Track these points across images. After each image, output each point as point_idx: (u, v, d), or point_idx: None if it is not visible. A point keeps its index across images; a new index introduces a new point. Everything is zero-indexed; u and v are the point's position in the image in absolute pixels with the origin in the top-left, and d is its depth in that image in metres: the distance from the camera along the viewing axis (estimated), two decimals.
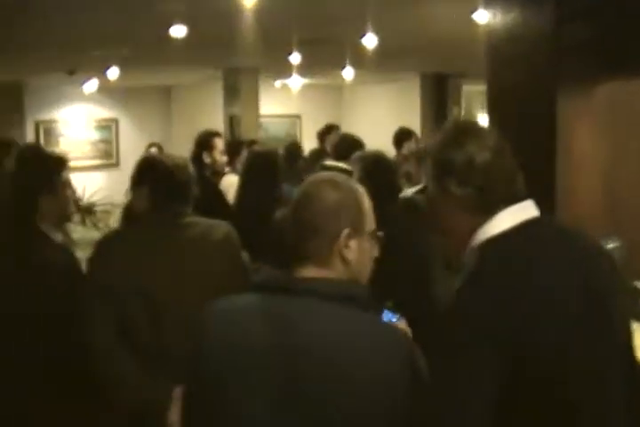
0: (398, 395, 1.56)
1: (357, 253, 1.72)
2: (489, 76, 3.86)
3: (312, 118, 14.07)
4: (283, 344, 1.60)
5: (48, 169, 3.03)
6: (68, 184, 3.09)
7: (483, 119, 15.12)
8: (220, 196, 5.04)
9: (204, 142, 5.27)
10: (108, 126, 13.34)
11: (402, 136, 7.06)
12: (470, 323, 1.55)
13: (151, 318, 2.57)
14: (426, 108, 12.84)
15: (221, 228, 2.84)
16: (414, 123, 12.62)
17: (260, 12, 5.79)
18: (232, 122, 11.01)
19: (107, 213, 11.44)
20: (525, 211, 1.73)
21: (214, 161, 5.26)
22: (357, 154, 4.01)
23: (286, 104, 13.82)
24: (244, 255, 2.75)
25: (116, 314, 2.57)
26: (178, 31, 6.63)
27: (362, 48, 7.77)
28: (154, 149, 7.35)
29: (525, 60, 3.65)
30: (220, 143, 5.34)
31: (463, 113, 13.23)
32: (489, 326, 1.53)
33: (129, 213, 6.18)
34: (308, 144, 9.34)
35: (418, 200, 3.80)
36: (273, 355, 1.60)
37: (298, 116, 14.53)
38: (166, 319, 2.57)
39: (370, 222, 1.77)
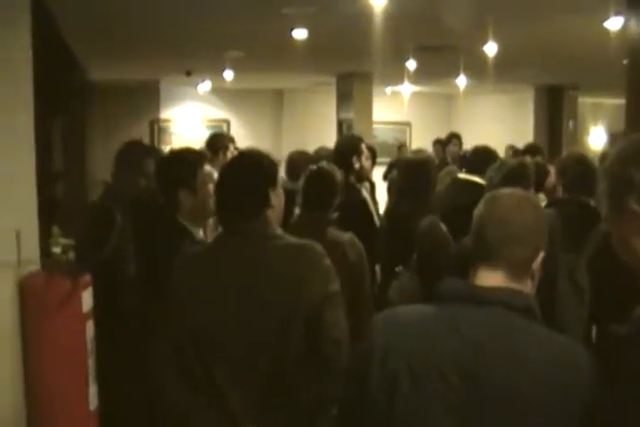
0: (579, 411, 1.53)
1: (539, 274, 1.73)
2: (629, 85, 3.72)
3: (422, 126, 13.99)
4: (465, 354, 1.58)
5: (188, 163, 3.01)
6: (210, 179, 3.00)
7: (596, 133, 14.75)
8: (365, 204, 4.80)
9: (355, 147, 4.93)
10: (220, 126, 13.55)
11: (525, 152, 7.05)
12: None
13: (201, 358, 2.30)
14: (539, 121, 12.56)
15: (305, 257, 2.33)
16: (527, 136, 12.37)
17: (384, 16, 5.77)
18: (342, 127, 11.03)
19: None
20: None
21: (362, 167, 4.94)
22: (498, 163, 3.93)
23: (396, 111, 13.75)
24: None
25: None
26: (299, 34, 6.70)
27: (479, 57, 7.66)
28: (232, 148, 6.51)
29: None
30: (365, 149, 5.01)
31: (576, 126, 12.88)
32: None
33: None
34: None
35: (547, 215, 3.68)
36: (452, 365, 1.58)
37: (408, 124, 14.48)
38: (215, 361, 2.29)
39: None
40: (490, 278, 1.68)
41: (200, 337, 2.30)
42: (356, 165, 4.84)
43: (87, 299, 2.28)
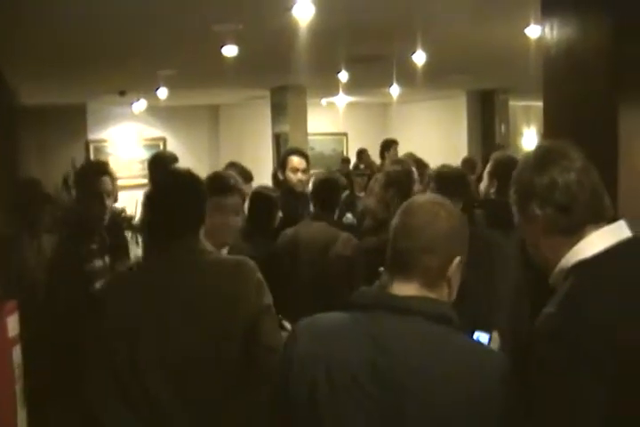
0: (492, 415, 1.55)
1: (457, 279, 1.73)
2: (545, 91, 3.81)
3: (358, 136, 14.12)
4: (381, 362, 1.59)
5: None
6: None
7: (529, 135, 15.07)
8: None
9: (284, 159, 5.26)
10: (157, 145, 13.48)
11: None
12: (568, 346, 1.53)
13: (139, 376, 2.28)
14: (472, 125, 12.79)
15: (239, 273, 2.37)
16: (461, 140, 12.59)
17: (312, 30, 5.84)
18: (279, 140, 11.08)
19: None
20: (617, 232, 1.70)
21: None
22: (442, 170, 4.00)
23: (332, 122, 13.88)
24: None
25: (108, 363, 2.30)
26: (229, 51, 6.73)
27: (410, 65, 7.79)
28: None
29: (583, 75, 3.61)
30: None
31: (509, 129, 13.15)
32: (588, 349, 1.51)
33: None
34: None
35: (476, 215, 3.78)
36: (369, 372, 1.59)
37: (344, 134, 14.59)
38: (150, 378, 2.27)
39: (466, 250, 1.76)
40: (405, 287, 1.69)
41: (137, 355, 2.29)
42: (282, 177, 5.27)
43: (13, 324, 2.26)
